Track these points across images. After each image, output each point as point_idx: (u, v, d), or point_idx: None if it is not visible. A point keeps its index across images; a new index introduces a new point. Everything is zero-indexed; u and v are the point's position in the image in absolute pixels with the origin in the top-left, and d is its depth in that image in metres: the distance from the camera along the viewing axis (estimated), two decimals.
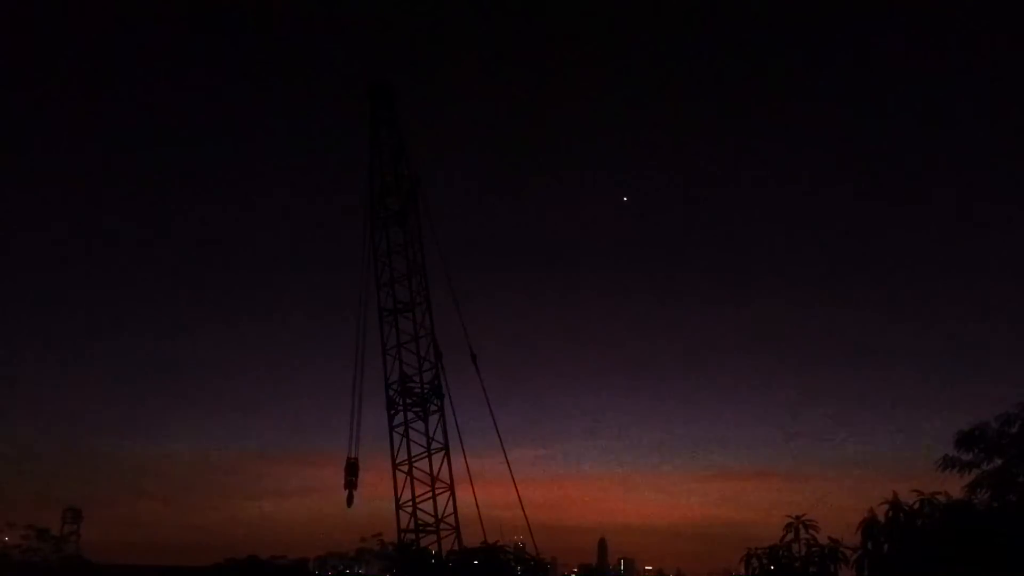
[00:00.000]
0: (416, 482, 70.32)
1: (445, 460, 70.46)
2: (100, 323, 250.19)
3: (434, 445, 70.70)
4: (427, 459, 70.43)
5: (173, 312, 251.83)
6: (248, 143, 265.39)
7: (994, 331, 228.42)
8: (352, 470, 70.30)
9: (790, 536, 58.28)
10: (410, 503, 70.39)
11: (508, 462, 72.33)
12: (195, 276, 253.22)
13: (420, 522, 70.44)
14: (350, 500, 70.91)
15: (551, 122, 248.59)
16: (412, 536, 70.91)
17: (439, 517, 70.34)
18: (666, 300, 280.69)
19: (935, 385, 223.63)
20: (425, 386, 71.15)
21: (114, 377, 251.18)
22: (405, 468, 70.35)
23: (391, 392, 71.11)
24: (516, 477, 72.62)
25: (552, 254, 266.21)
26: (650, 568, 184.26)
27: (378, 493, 76.22)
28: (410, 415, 70.95)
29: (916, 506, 49.39)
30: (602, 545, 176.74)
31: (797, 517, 58.39)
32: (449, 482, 70.53)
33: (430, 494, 70.27)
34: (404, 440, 70.57)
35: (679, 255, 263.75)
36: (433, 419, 70.99)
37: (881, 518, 50.80)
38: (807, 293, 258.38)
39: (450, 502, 70.75)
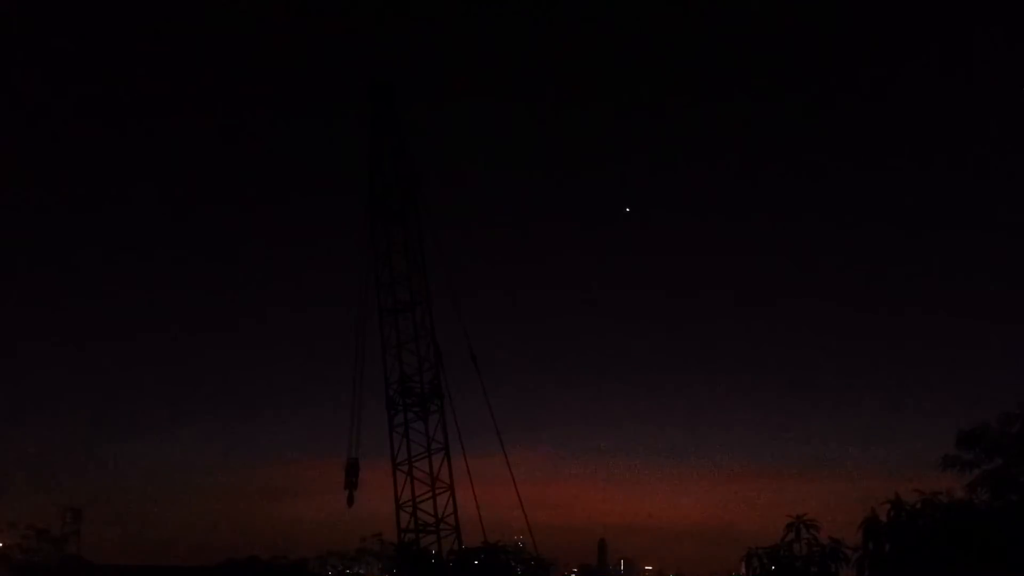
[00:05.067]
0: (416, 482, 70.32)
1: (445, 460, 70.46)
2: (102, 324, 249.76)
3: (434, 445, 70.72)
4: (427, 459, 70.42)
5: (174, 314, 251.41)
6: (247, 144, 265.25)
7: (994, 331, 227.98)
8: (352, 470, 70.34)
9: (791, 536, 58.19)
10: (410, 503, 70.40)
11: (508, 462, 72.45)
12: (195, 277, 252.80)
13: (420, 522, 70.46)
14: (350, 500, 70.98)
15: (552, 122, 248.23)
16: (412, 536, 70.93)
17: (439, 517, 70.34)
18: (667, 300, 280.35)
19: (935, 385, 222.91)
20: (425, 386, 71.13)
21: (114, 378, 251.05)
22: (405, 468, 70.36)
23: (391, 392, 71.11)
24: (516, 477, 72.73)
25: (552, 254, 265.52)
26: (650, 568, 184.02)
27: (378, 493, 76.24)
28: (410, 415, 70.96)
29: (918, 506, 49.28)
30: (602, 545, 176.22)
31: (798, 517, 58.29)
32: (449, 482, 70.53)
33: (430, 494, 70.27)
34: (404, 440, 70.61)
35: (680, 256, 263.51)
36: (433, 419, 71.05)
37: (882, 518, 50.70)
38: (807, 292, 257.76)
39: (450, 502, 70.77)
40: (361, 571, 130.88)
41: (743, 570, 60.55)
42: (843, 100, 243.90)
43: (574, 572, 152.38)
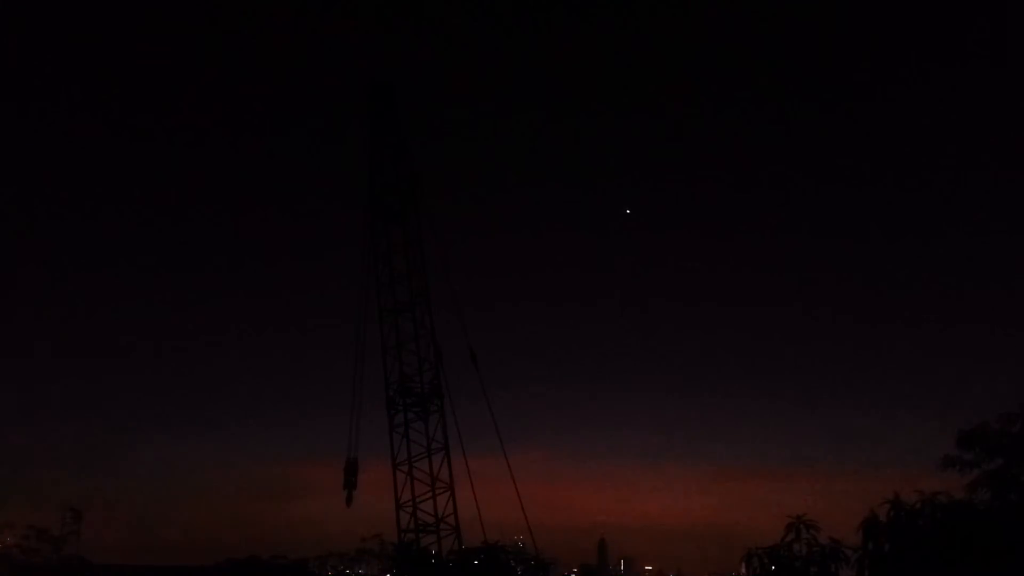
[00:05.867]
0: (416, 482, 70.24)
1: (445, 460, 70.38)
2: (104, 324, 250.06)
3: (434, 445, 70.61)
4: (427, 459, 70.32)
5: (176, 314, 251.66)
6: (248, 146, 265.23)
7: (994, 331, 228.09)
8: (352, 470, 70.26)
9: (791, 536, 58.10)
10: (410, 503, 70.29)
11: (508, 462, 72.34)
12: (195, 278, 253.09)
13: (420, 522, 70.34)
14: (349, 500, 70.93)
15: (553, 123, 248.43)
16: (412, 536, 70.83)
17: (439, 517, 70.25)
18: (667, 300, 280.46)
19: (935, 385, 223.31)
20: (425, 386, 71.02)
21: (115, 378, 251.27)
22: (405, 468, 70.26)
23: (391, 392, 71.01)
24: (516, 477, 72.62)
25: (552, 254, 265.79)
26: (650, 568, 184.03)
27: (378, 493, 76.22)
28: (410, 415, 70.86)
29: (917, 506, 49.24)
30: (602, 545, 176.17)
31: (798, 517, 58.21)
32: (449, 482, 70.44)
33: (430, 494, 70.18)
34: (404, 440, 70.51)
35: (680, 256, 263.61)
36: (433, 419, 70.92)
37: (882, 518, 50.65)
38: (807, 293, 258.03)
39: (450, 502, 70.68)
40: (361, 571, 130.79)
41: (743, 570, 60.46)
42: (846, 109, 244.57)
43: (574, 572, 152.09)
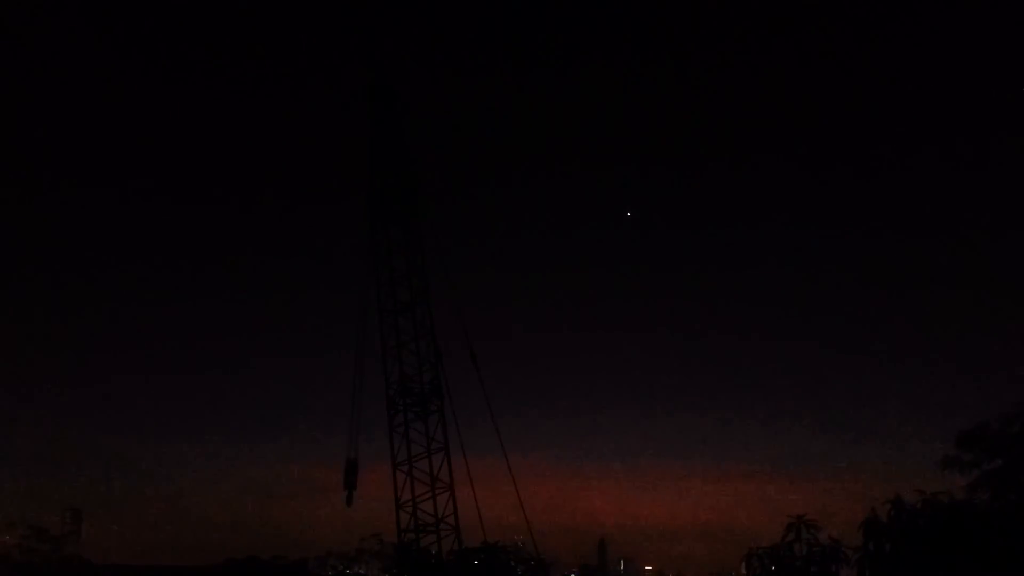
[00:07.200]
0: (416, 482, 70.23)
1: (445, 460, 70.36)
2: (104, 327, 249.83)
3: (434, 445, 70.58)
4: (427, 459, 70.30)
5: (175, 312, 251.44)
6: (247, 146, 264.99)
7: (994, 332, 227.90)
8: (352, 470, 70.22)
9: (791, 536, 58.20)
10: (410, 503, 70.26)
11: (508, 462, 72.33)
12: (194, 277, 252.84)
13: (420, 522, 70.31)
14: (350, 500, 70.90)
15: (554, 125, 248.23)
16: (412, 536, 70.82)
17: (439, 517, 70.23)
18: (666, 299, 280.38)
19: (935, 385, 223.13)
20: (425, 386, 71.01)
21: (115, 377, 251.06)
22: (405, 468, 70.20)
23: (391, 392, 71.01)
24: (516, 477, 72.61)
25: (552, 255, 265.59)
26: (650, 568, 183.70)
27: (378, 493, 76.08)
28: (410, 415, 70.80)
29: (918, 506, 49.34)
30: (602, 545, 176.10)
31: (798, 517, 58.31)
32: (449, 482, 70.44)
33: (430, 494, 70.16)
34: (404, 440, 70.45)
35: (680, 255, 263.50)
36: (433, 419, 70.86)
37: (883, 518, 50.75)
38: (807, 293, 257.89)
39: (450, 502, 70.66)
40: (361, 571, 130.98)
41: (743, 570, 60.69)
42: (841, 109, 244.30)
43: (574, 572, 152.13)
